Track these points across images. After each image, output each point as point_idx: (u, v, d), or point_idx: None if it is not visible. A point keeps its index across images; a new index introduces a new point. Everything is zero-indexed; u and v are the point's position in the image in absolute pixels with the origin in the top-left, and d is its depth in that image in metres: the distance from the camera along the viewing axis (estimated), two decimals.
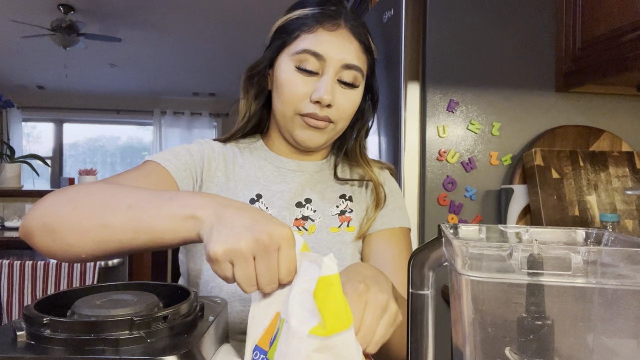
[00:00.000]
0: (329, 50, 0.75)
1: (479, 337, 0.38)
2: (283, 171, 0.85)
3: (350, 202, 0.86)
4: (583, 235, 0.46)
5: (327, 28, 0.76)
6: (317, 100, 0.75)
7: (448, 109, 1.44)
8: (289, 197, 0.82)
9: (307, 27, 0.76)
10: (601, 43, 1.28)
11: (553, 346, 0.37)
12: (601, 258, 0.35)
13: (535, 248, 0.36)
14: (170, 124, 6.76)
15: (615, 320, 0.37)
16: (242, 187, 0.81)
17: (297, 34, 0.77)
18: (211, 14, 3.93)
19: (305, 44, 0.76)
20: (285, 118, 0.79)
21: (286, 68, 0.77)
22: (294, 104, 0.76)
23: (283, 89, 0.77)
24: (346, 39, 0.77)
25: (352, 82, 0.78)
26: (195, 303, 0.45)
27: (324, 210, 0.83)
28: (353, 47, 0.77)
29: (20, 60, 5.16)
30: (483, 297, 0.37)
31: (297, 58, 0.76)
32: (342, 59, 0.76)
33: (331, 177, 0.88)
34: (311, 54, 0.75)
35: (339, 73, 0.77)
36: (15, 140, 6.15)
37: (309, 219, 0.81)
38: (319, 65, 0.76)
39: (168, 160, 0.75)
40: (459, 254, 0.36)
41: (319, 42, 0.75)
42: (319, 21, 0.76)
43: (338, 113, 0.78)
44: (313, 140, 0.79)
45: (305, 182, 0.84)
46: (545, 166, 1.37)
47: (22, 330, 0.38)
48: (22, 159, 3.33)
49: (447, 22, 1.43)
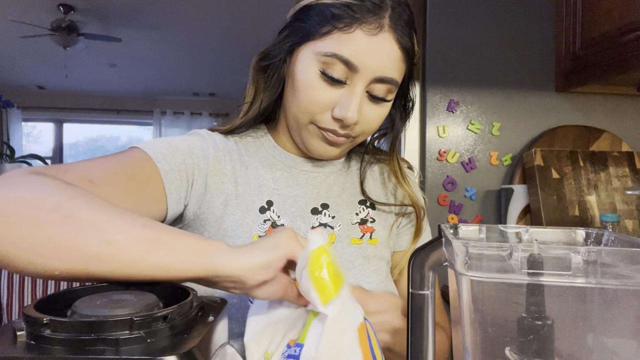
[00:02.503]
0: (364, 60, 0.61)
1: (479, 337, 0.38)
2: (295, 172, 0.73)
3: (372, 210, 0.76)
4: (583, 235, 0.46)
5: (366, 30, 0.61)
6: (340, 119, 0.63)
7: (448, 109, 1.44)
8: (303, 203, 0.71)
9: (343, 25, 0.61)
10: (601, 43, 1.28)
11: (553, 346, 0.37)
12: (601, 258, 0.36)
13: (536, 248, 0.36)
14: (170, 124, 6.76)
15: (615, 320, 0.37)
16: (250, 193, 0.69)
17: (329, 29, 0.61)
18: (211, 13, 3.93)
19: (337, 46, 0.61)
20: (299, 124, 0.67)
21: (309, 68, 0.63)
22: (312, 113, 0.65)
23: (301, 93, 0.64)
24: (387, 47, 0.62)
25: (383, 96, 0.65)
26: (195, 303, 0.45)
27: (343, 217, 0.73)
28: (393, 56, 0.63)
29: (20, 60, 5.16)
30: (483, 297, 0.37)
31: (324, 60, 0.62)
32: (377, 71, 0.62)
33: (349, 179, 0.77)
34: (342, 61, 0.61)
35: (370, 85, 0.64)
36: (15, 140, 6.16)
37: (327, 227, 0.71)
38: (348, 73, 0.62)
39: (162, 156, 0.62)
40: (459, 254, 0.36)
41: (354, 49, 0.61)
42: (358, 19, 0.61)
43: (361, 128, 0.67)
44: (328, 154, 0.69)
45: (319, 184, 0.74)
46: (545, 166, 1.37)
47: (22, 330, 0.38)
48: (22, 159, 3.33)
49: (447, 22, 1.43)
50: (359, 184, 0.77)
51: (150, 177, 0.60)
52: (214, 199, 0.68)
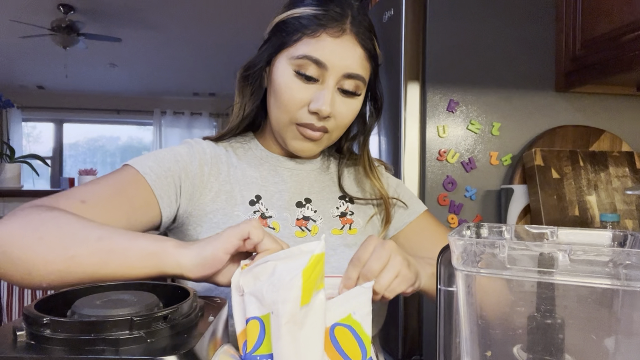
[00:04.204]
0: (331, 58, 0.71)
1: (487, 333, 0.38)
2: (280, 170, 0.82)
3: (350, 204, 0.84)
4: (610, 237, 0.46)
5: (331, 34, 0.71)
6: (315, 112, 0.72)
7: (448, 109, 1.44)
8: (288, 197, 0.80)
9: (310, 31, 0.71)
10: (601, 43, 1.28)
11: (563, 346, 0.37)
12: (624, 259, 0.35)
13: (555, 247, 0.36)
14: (170, 124, 6.76)
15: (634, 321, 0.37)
16: (239, 189, 0.78)
17: (299, 36, 0.72)
18: (211, 13, 3.93)
19: (307, 49, 0.71)
20: (280, 125, 0.76)
21: (284, 72, 0.73)
22: (291, 111, 0.73)
23: (280, 94, 0.73)
24: (350, 47, 0.72)
25: (353, 90, 0.75)
26: (195, 303, 0.45)
27: (325, 211, 0.81)
28: (357, 55, 0.73)
29: (20, 60, 5.16)
30: (493, 294, 0.37)
31: (297, 63, 0.72)
32: (344, 67, 0.72)
33: (329, 177, 0.87)
34: (312, 61, 0.71)
35: (340, 82, 0.73)
36: (15, 140, 6.16)
37: (310, 220, 0.79)
38: (319, 72, 0.72)
39: (149, 168, 0.70)
40: (455, 250, 0.36)
41: (322, 49, 0.71)
42: (323, 25, 0.71)
43: (336, 122, 0.75)
44: (307, 151, 0.78)
45: (302, 180, 0.83)
46: (545, 166, 1.37)
47: (22, 330, 0.38)
48: (22, 159, 3.33)
49: (447, 22, 1.43)
50: (337, 183, 0.86)
51: (139, 187, 0.69)
52: (203, 197, 0.75)
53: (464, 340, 0.39)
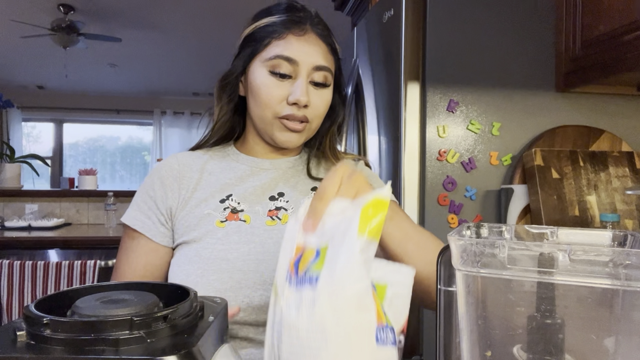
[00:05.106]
0: (300, 54, 0.80)
1: (487, 333, 0.38)
2: (256, 170, 0.88)
3: None
4: (610, 237, 0.46)
5: (295, 34, 0.81)
6: (294, 102, 0.79)
7: (448, 109, 1.44)
8: (261, 192, 0.85)
9: (277, 34, 0.80)
10: (601, 43, 1.28)
11: (563, 346, 0.37)
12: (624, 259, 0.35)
13: (555, 247, 0.36)
14: (170, 124, 6.76)
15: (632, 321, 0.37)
16: (212, 192, 0.83)
17: (268, 41, 0.81)
18: (211, 13, 3.93)
19: (277, 50, 0.80)
20: (265, 121, 0.82)
21: (260, 73, 0.81)
22: (272, 107, 0.80)
23: (259, 94, 0.81)
24: (314, 42, 0.82)
25: (323, 81, 0.83)
26: (195, 303, 0.45)
27: (297, 202, 0.86)
28: (321, 49, 0.82)
29: (20, 60, 5.16)
30: (492, 294, 0.37)
31: (270, 64, 0.80)
32: (312, 61, 0.80)
33: (304, 173, 0.91)
34: (284, 59, 0.79)
35: (311, 75, 0.81)
36: (15, 140, 6.16)
37: (282, 209, 0.84)
38: (291, 68, 0.80)
39: (134, 218, 0.82)
40: (454, 250, 0.36)
41: (290, 47, 0.80)
42: (288, 27, 0.80)
43: (313, 112, 0.82)
44: (292, 141, 0.84)
45: (278, 177, 0.88)
46: (545, 166, 1.37)
47: (22, 330, 0.38)
48: (22, 159, 3.33)
49: (447, 22, 1.43)
50: (307, 173, 0.92)
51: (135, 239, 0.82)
52: (178, 210, 0.83)
53: (464, 340, 0.39)
